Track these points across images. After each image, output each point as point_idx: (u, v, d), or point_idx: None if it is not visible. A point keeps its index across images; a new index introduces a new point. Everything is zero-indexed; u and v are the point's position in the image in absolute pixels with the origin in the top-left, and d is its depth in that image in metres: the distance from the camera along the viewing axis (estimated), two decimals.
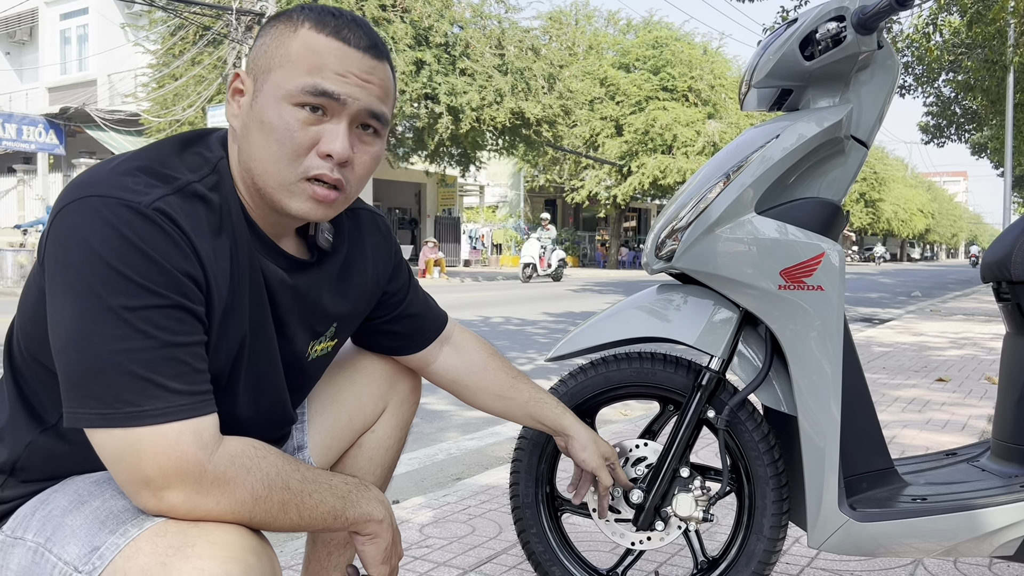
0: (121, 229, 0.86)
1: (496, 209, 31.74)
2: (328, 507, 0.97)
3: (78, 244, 0.86)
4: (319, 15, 0.98)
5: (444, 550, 2.07)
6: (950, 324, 8.54)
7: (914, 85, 19.81)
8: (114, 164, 0.93)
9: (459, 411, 4.14)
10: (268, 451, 0.93)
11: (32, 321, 0.95)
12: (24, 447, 0.98)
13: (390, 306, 1.30)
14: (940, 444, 3.19)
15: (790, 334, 1.43)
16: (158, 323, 0.86)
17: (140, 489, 0.87)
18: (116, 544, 0.87)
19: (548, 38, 19.72)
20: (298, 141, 0.96)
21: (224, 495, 0.88)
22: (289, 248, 1.08)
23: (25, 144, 16.97)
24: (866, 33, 1.39)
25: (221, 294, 0.95)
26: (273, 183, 0.98)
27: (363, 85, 0.98)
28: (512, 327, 8.15)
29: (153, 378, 0.85)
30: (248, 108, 0.98)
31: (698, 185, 1.51)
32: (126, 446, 0.85)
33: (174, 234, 0.89)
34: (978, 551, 1.45)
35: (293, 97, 0.95)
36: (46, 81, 21.97)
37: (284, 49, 0.97)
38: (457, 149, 19.17)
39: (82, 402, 0.85)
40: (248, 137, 0.98)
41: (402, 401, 1.38)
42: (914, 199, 53.75)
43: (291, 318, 1.09)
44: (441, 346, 1.39)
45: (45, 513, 0.95)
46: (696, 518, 1.50)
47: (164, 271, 0.87)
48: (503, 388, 1.40)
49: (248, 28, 15.02)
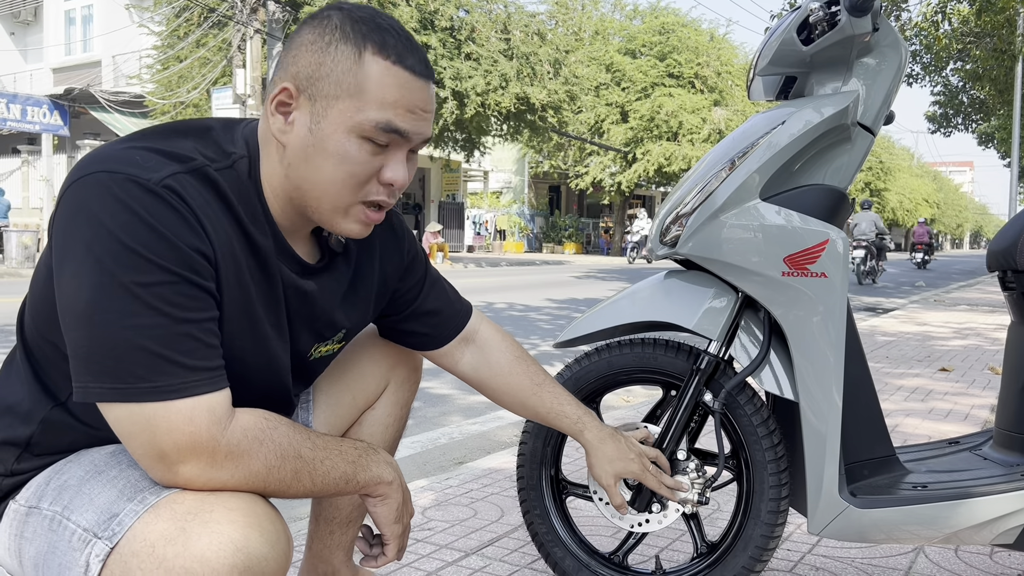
0: (131, 204, 0.86)
1: (500, 195, 31.68)
2: (339, 472, 0.98)
3: (88, 219, 0.86)
4: (380, 36, 0.97)
5: (446, 533, 2.09)
6: (954, 314, 8.53)
7: (922, 74, 19.69)
8: (125, 142, 0.94)
9: (462, 395, 4.15)
10: (279, 422, 0.95)
11: (42, 299, 0.95)
12: (38, 422, 0.99)
13: (403, 303, 1.30)
14: (942, 433, 3.20)
15: (793, 320, 1.44)
16: (170, 299, 0.87)
17: (155, 463, 0.88)
18: (135, 511, 0.88)
19: (554, 23, 19.60)
20: (364, 173, 0.98)
21: (238, 467, 0.90)
22: (301, 249, 1.08)
23: (30, 125, 16.95)
24: (859, 15, 1.39)
25: (229, 274, 0.95)
26: (328, 206, 1.00)
27: (425, 117, 1.00)
28: (515, 313, 8.16)
29: (166, 354, 0.86)
30: (306, 131, 0.97)
31: (703, 171, 1.51)
32: (141, 421, 0.87)
33: (182, 210, 0.89)
34: (978, 539, 1.46)
35: (363, 131, 0.96)
36: (50, 62, 21.93)
37: (352, 78, 0.95)
38: (462, 134, 19.11)
39: (94, 377, 0.86)
40: (305, 160, 0.97)
41: (403, 381, 1.39)
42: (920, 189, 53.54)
43: (297, 321, 1.09)
44: (466, 344, 1.37)
45: (60, 483, 0.96)
46: (692, 501, 1.51)
47: (174, 247, 0.87)
48: (525, 394, 1.38)
49: (253, 10, 14.96)
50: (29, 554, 0.95)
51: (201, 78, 16.40)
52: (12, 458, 1.00)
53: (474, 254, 25.76)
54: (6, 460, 1.00)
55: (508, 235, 29.51)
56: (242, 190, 0.98)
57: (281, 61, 1.00)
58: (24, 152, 18.80)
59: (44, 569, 0.93)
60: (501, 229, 29.34)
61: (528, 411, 1.40)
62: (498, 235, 29.10)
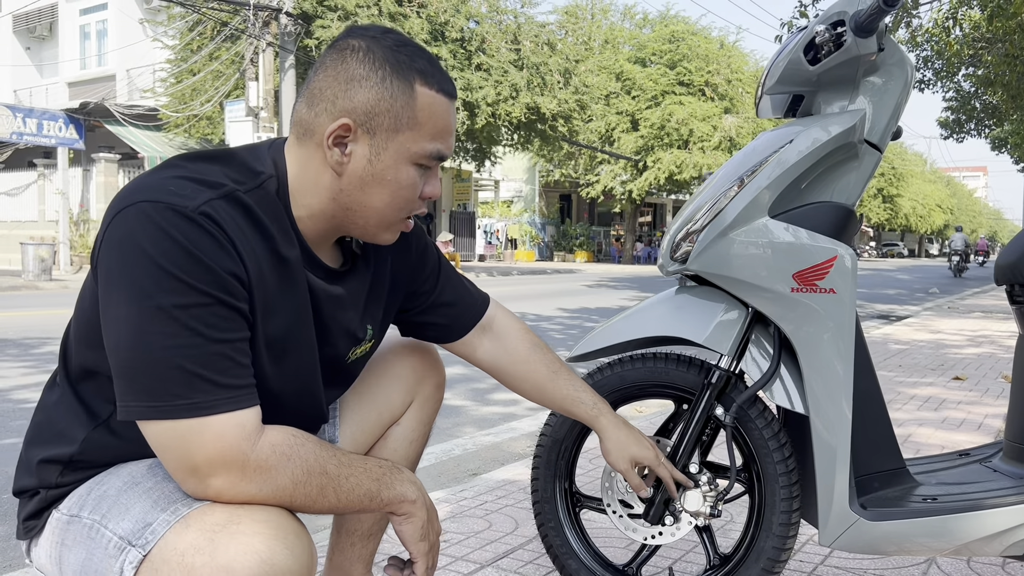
0: (170, 231, 0.91)
1: (511, 204, 31.75)
2: (364, 489, 1.02)
3: (131, 247, 0.91)
4: (419, 63, 1.05)
5: (461, 545, 2.11)
6: (968, 321, 8.50)
7: (933, 80, 19.64)
8: (158, 172, 0.99)
9: (475, 407, 4.18)
10: (307, 439, 0.99)
11: (87, 324, 1.00)
12: (80, 443, 1.04)
13: (420, 296, 1.34)
14: (955, 443, 3.20)
15: (803, 336, 1.46)
16: (206, 320, 0.91)
17: (188, 476, 0.93)
18: (167, 521, 0.93)
19: (564, 33, 19.67)
20: (416, 195, 1.09)
21: (266, 481, 0.94)
22: (326, 256, 1.13)
23: (45, 139, 17.12)
24: (865, 36, 1.41)
25: (261, 294, 1.00)
26: (377, 223, 1.09)
27: (454, 134, 1.11)
28: (528, 323, 8.16)
29: (201, 373, 0.90)
30: (366, 162, 1.04)
31: (713, 188, 1.54)
32: (175, 436, 0.91)
33: (218, 236, 0.94)
34: (988, 551, 1.47)
35: (417, 160, 1.06)
36: (66, 76, 22.16)
37: (410, 112, 1.04)
38: (472, 144, 19.19)
39: (135, 396, 0.91)
40: (361, 188, 1.05)
41: (427, 397, 1.43)
42: (933, 194, 53.25)
43: (332, 325, 1.14)
44: (484, 332, 1.42)
45: (100, 493, 1.01)
46: (704, 513, 1.53)
47: (211, 271, 0.92)
48: (542, 381, 1.43)
49: (265, 24, 15.09)
50: (69, 561, 1.00)
51: (214, 91, 16.54)
52: (56, 473, 1.05)
53: (485, 263, 25.80)
54: (50, 475, 1.05)
55: (519, 244, 29.54)
56: (270, 207, 1.03)
57: (323, 92, 1.04)
58: (40, 166, 18.99)
59: (82, 575, 0.97)
60: (512, 238, 29.39)
61: (545, 398, 1.44)
62: (509, 244, 29.15)
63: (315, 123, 1.03)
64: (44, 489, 1.05)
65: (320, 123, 1.03)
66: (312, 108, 1.04)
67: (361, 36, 1.05)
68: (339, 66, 1.03)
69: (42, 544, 1.06)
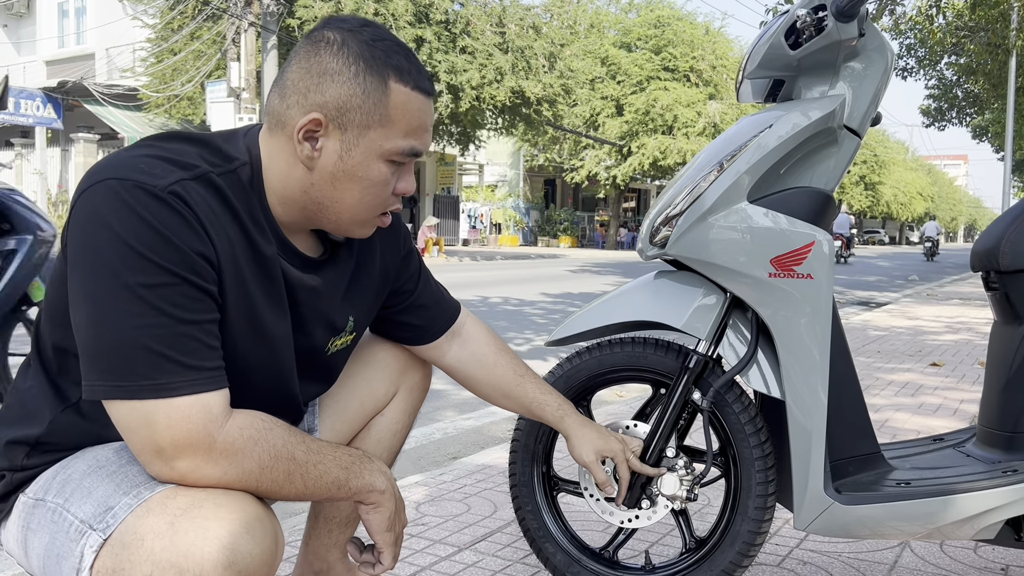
0: (138, 210, 0.90)
1: (495, 188, 31.69)
2: (332, 477, 1.01)
3: (98, 225, 0.90)
4: (395, 59, 1.03)
5: (440, 528, 2.11)
6: (946, 308, 8.58)
7: (916, 67, 19.72)
8: (132, 150, 0.97)
9: (456, 391, 4.18)
10: (275, 423, 0.98)
11: (56, 304, 0.99)
12: (47, 423, 1.03)
13: (401, 295, 1.33)
14: (931, 428, 3.24)
15: (780, 321, 1.46)
16: (174, 301, 0.90)
17: (153, 458, 0.92)
18: (129, 504, 0.92)
19: (549, 16, 19.57)
20: (388, 192, 1.07)
21: (232, 465, 0.93)
22: (303, 244, 1.12)
23: (23, 118, 16.89)
24: (846, 21, 1.41)
25: (232, 277, 0.98)
26: (349, 219, 1.08)
27: (430, 131, 1.09)
28: (510, 307, 8.18)
29: (168, 353, 0.89)
30: (336, 158, 1.02)
31: (692, 173, 1.54)
32: (140, 417, 0.90)
33: (187, 216, 0.92)
34: (960, 534, 1.49)
35: (390, 156, 1.04)
36: (43, 55, 21.83)
37: (382, 109, 1.02)
38: (456, 127, 19.11)
39: (100, 375, 0.90)
40: (332, 184, 1.04)
41: (412, 388, 1.42)
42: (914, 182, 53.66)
43: (310, 315, 1.13)
44: (453, 338, 1.41)
45: (64, 477, 1.00)
46: (680, 497, 1.54)
47: (179, 250, 0.91)
48: (509, 386, 1.43)
49: (247, 3, 14.92)
50: (34, 545, 0.99)
51: (195, 71, 16.36)
52: (22, 455, 1.04)
53: (469, 247, 25.77)
54: (16, 457, 1.04)
55: (503, 229, 29.52)
56: (244, 193, 1.01)
57: (295, 84, 1.01)
58: (18, 145, 18.73)
59: (46, 559, 0.97)
60: (496, 223, 29.36)
61: (511, 402, 1.44)
62: (493, 229, 29.12)
63: (286, 115, 1.02)
64: (10, 472, 1.04)
65: (291, 116, 1.01)
66: (284, 100, 1.02)
67: (338, 28, 1.02)
68: (312, 59, 1.01)
69: (9, 528, 1.05)
